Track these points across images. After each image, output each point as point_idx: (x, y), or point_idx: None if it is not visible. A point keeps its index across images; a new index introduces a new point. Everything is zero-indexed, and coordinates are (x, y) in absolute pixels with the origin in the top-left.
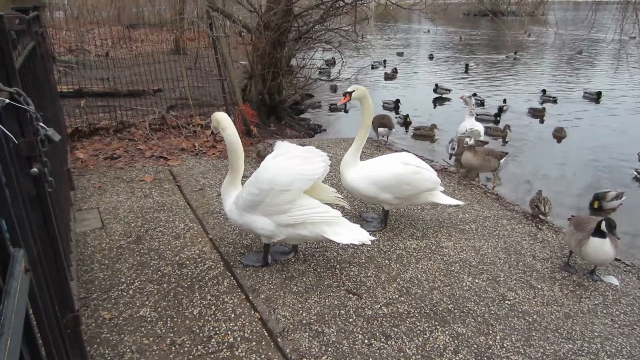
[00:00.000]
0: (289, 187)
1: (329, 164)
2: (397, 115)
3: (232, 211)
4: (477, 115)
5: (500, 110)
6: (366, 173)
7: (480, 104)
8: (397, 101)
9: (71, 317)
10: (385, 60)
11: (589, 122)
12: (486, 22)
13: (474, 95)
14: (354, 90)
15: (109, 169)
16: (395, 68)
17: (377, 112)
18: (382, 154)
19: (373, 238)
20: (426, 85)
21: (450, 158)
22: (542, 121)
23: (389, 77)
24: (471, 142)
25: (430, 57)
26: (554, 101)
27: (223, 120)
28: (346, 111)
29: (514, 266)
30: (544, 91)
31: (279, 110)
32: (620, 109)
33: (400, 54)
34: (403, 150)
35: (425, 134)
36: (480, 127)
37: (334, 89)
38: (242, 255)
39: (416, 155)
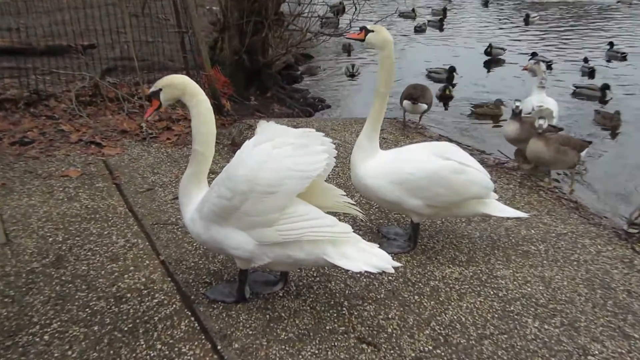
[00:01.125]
0: (275, 187)
1: (335, 155)
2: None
3: (194, 221)
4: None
5: (592, 73)
6: (387, 167)
7: (548, 67)
8: (452, 70)
9: None
10: (445, 9)
11: None
12: None
13: (534, 55)
14: (372, 31)
15: (17, 159)
16: (430, 20)
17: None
18: (411, 141)
19: (397, 264)
20: (476, 41)
21: (512, 115)
22: None
23: (421, 30)
24: (542, 123)
25: (485, 4)
26: (623, 57)
27: (189, 85)
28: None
29: (600, 306)
30: (611, 44)
31: (263, 77)
32: None
33: None
34: (441, 136)
35: (490, 113)
36: (553, 104)
37: (346, 49)
38: (207, 286)
39: (460, 145)
